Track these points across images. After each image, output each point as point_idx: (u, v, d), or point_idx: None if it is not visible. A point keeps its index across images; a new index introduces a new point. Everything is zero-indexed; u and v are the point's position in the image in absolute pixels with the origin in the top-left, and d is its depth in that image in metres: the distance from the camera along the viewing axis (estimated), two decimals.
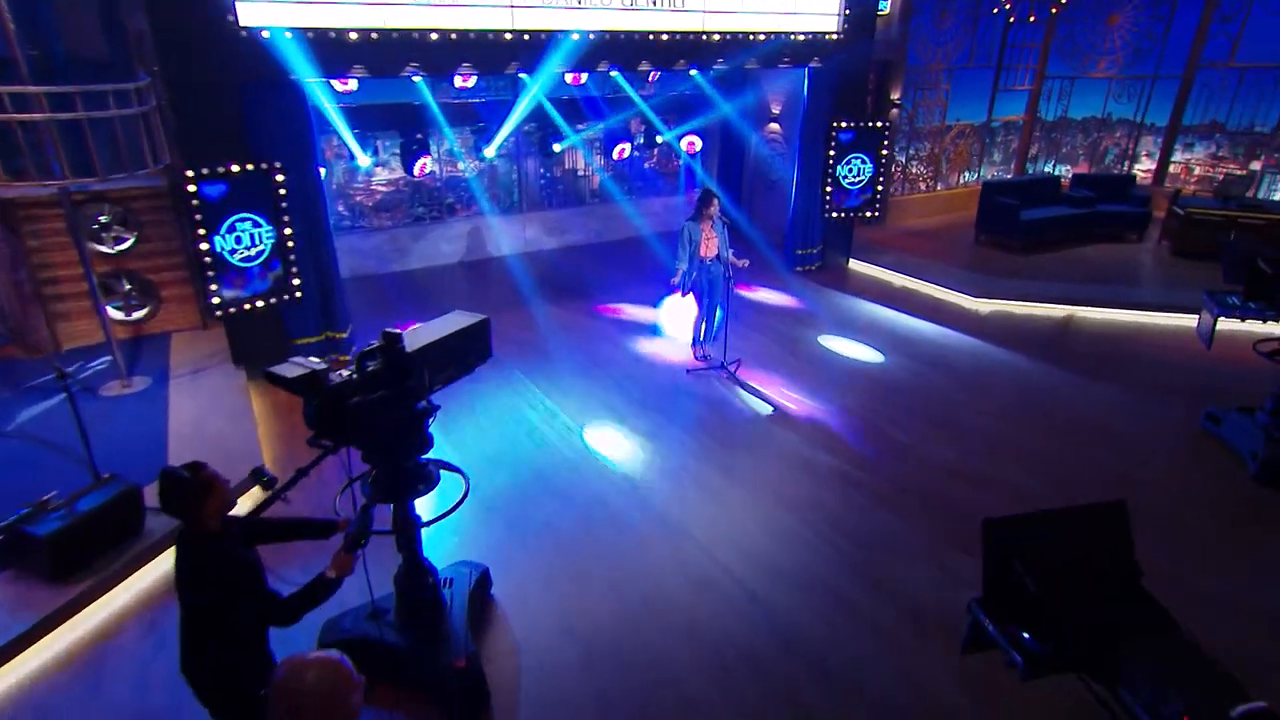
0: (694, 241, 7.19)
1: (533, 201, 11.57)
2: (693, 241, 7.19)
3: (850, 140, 10.12)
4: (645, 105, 10.92)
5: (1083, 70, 12.87)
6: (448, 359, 3.09)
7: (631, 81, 10.90)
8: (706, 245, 7.25)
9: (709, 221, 7.21)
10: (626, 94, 10.92)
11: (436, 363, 3.03)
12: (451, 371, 3.16)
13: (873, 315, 9.11)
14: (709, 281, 7.43)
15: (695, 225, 7.20)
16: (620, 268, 10.90)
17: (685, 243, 7.20)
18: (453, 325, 3.15)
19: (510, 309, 9.23)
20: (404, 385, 2.86)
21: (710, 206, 7.12)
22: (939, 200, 13.02)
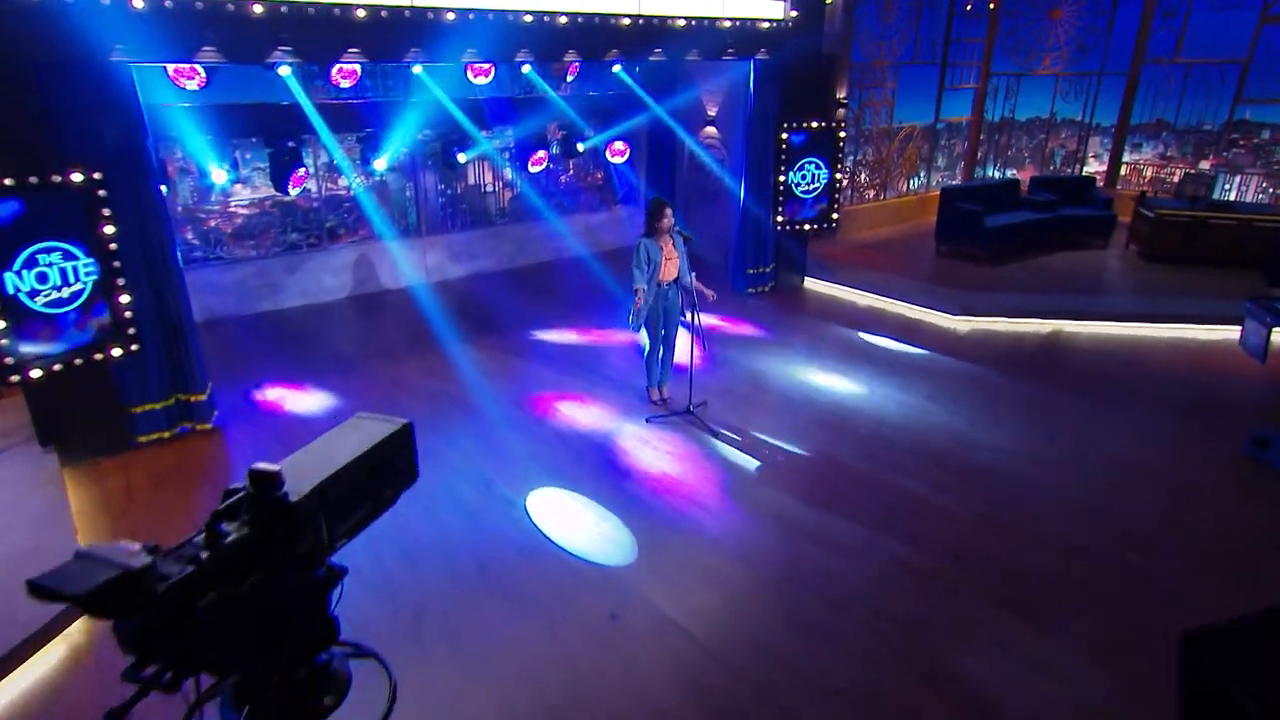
0: (654, 262, 6.42)
1: (433, 223, 10.57)
2: (652, 262, 6.41)
3: (802, 143, 9.69)
4: (566, 106, 10.15)
5: (1028, 67, 13.07)
6: (355, 496, 2.07)
7: (548, 79, 10.12)
8: (666, 267, 6.49)
9: (665, 237, 6.46)
10: (541, 94, 10.14)
11: (339, 506, 2.01)
12: (362, 513, 2.12)
13: (843, 340, 8.61)
14: (664, 310, 6.66)
15: (652, 242, 6.43)
16: (544, 296, 10.08)
17: (643, 263, 6.42)
18: (357, 442, 2.13)
19: (416, 353, 8.17)
20: (289, 555, 1.84)
21: (663, 218, 6.38)
22: (889, 209, 12.86)
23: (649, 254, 6.41)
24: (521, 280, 10.78)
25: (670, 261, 6.51)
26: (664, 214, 6.39)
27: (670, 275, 6.55)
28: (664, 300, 6.64)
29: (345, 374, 7.67)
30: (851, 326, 9.00)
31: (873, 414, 6.87)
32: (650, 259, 6.42)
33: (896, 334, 8.77)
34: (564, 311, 9.44)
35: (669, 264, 6.51)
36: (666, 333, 6.79)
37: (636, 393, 7.25)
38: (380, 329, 9.05)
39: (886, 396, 7.22)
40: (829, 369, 7.83)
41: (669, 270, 6.53)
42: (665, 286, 6.57)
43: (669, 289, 6.60)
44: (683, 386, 7.11)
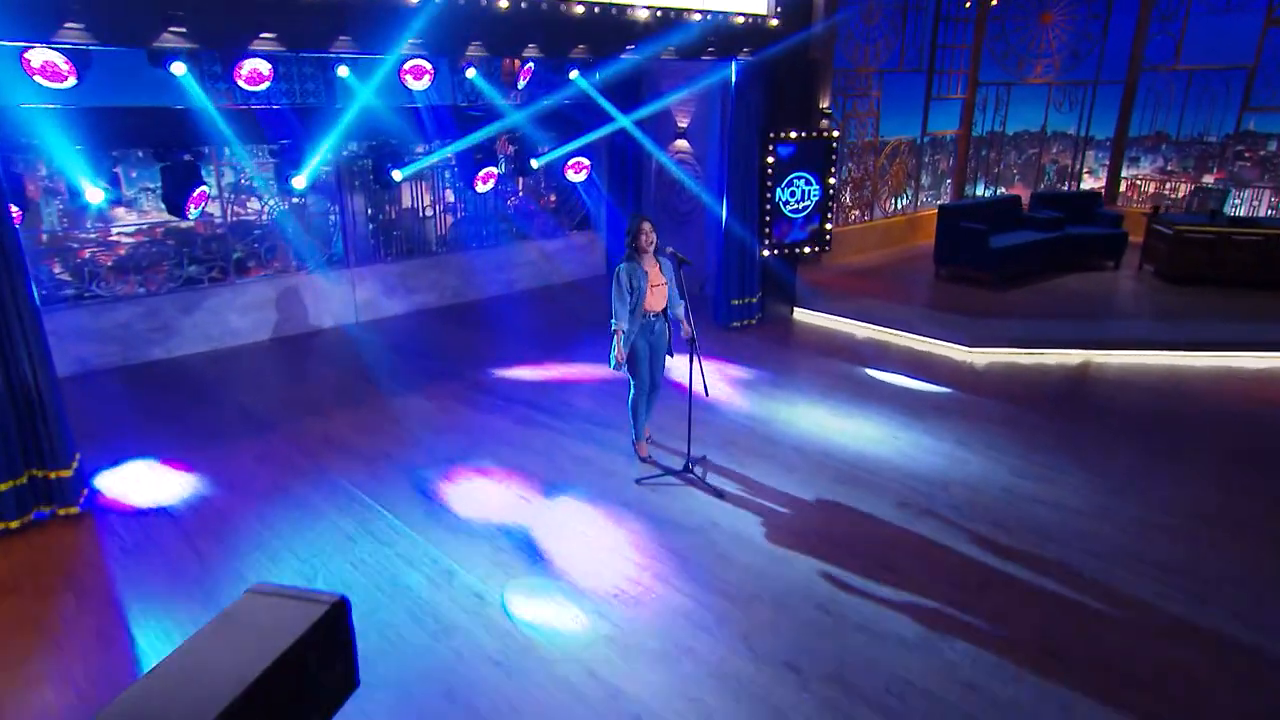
0: (637, 290, 5.68)
1: (363, 253, 9.68)
2: (636, 291, 5.68)
3: (791, 156, 9.19)
4: (518, 115, 9.43)
5: (1019, 76, 12.92)
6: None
7: (496, 85, 9.41)
8: (652, 295, 5.76)
9: (650, 258, 5.74)
10: (488, 103, 9.42)
11: None
12: None
13: (849, 378, 8.02)
14: (650, 346, 5.91)
15: (635, 266, 5.71)
16: (496, 334, 9.35)
17: (625, 293, 5.70)
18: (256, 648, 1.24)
19: (349, 405, 7.24)
20: None
21: (641, 235, 5.68)
22: (877, 232, 12.49)
23: (631, 280, 5.68)
24: (469, 317, 10.00)
25: (657, 289, 5.79)
26: (643, 230, 5.69)
27: (657, 305, 5.82)
28: (649, 334, 5.89)
29: (259, 433, 6.68)
30: (855, 362, 8.45)
31: (903, 465, 6.21)
32: (634, 287, 5.68)
33: (907, 369, 8.24)
34: (521, 349, 8.71)
35: (655, 291, 5.78)
36: (654, 375, 6.03)
37: (618, 446, 6.44)
38: (303, 377, 8.08)
39: (914, 444, 6.58)
40: (841, 413, 7.18)
41: (655, 299, 5.80)
42: (652, 318, 5.83)
43: (655, 320, 5.87)
44: (673, 437, 6.34)
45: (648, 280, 5.72)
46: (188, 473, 6.04)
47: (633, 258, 5.73)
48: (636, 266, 5.72)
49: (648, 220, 5.73)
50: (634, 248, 5.70)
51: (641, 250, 5.70)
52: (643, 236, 5.67)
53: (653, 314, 5.83)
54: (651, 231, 5.72)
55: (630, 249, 5.73)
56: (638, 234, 5.68)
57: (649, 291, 5.74)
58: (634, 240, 5.69)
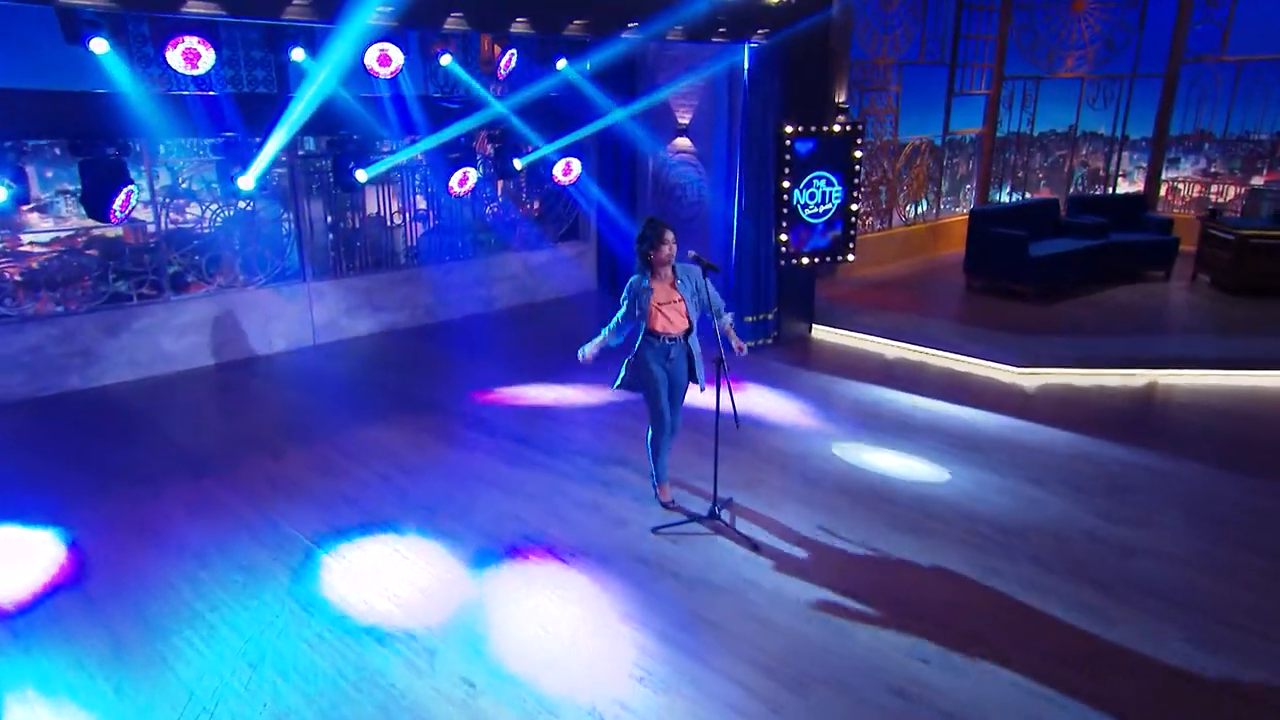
0: (641, 308, 5.08)
1: (322, 265, 8.99)
2: (639, 307, 5.07)
3: (810, 153, 8.67)
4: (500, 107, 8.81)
5: (1048, 69, 12.54)
6: None
7: (475, 74, 8.80)
8: (665, 315, 5.12)
9: (665, 272, 5.10)
10: (466, 94, 8.83)
11: None
12: None
13: (887, 405, 7.48)
14: (666, 375, 5.26)
15: (644, 279, 5.08)
16: (477, 354, 8.76)
17: (634, 305, 5.09)
18: None
19: (304, 441, 6.55)
20: None
21: (663, 246, 5.03)
22: (896, 240, 12.02)
23: (637, 296, 5.08)
24: (444, 338, 9.37)
25: (666, 308, 5.12)
26: (665, 241, 5.02)
27: (673, 327, 5.16)
28: (662, 360, 5.24)
29: (195, 477, 5.94)
30: (889, 385, 7.91)
31: (968, 507, 5.58)
32: (639, 303, 5.06)
33: (950, 394, 7.70)
34: (504, 373, 8.08)
35: (665, 311, 5.12)
36: (672, 406, 5.36)
37: (627, 487, 5.76)
38: (250, 410, 7.34)
39: (976, 481, 5.95)
40: (885, 445, 6.58)
41: (666, 320, 5.13)
42: (666, 342, 5.18)
43: (671, 345, 5.21)
44: (691, 474, 5.67)
45: (652, 298, 5.07)
46: (101, 530, 5.26)
47: (644, 271, 5.09)
48: (645, 283, 5.07)
49: (670, 229, 5.05)
50: (648, 259, 5.03)
51: (657, 264, 5.04)
52: (664, 248, 4.99)
53: (667, 338, 5.17)
54: (674, 243, 5.05)
55: (643, 260, 5.07)
56: (656, 243, 4.99)
57: (655, 312, 5.10)
58: (649, 251, 5.01)
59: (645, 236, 5.04)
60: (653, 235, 5.01)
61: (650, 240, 5.01)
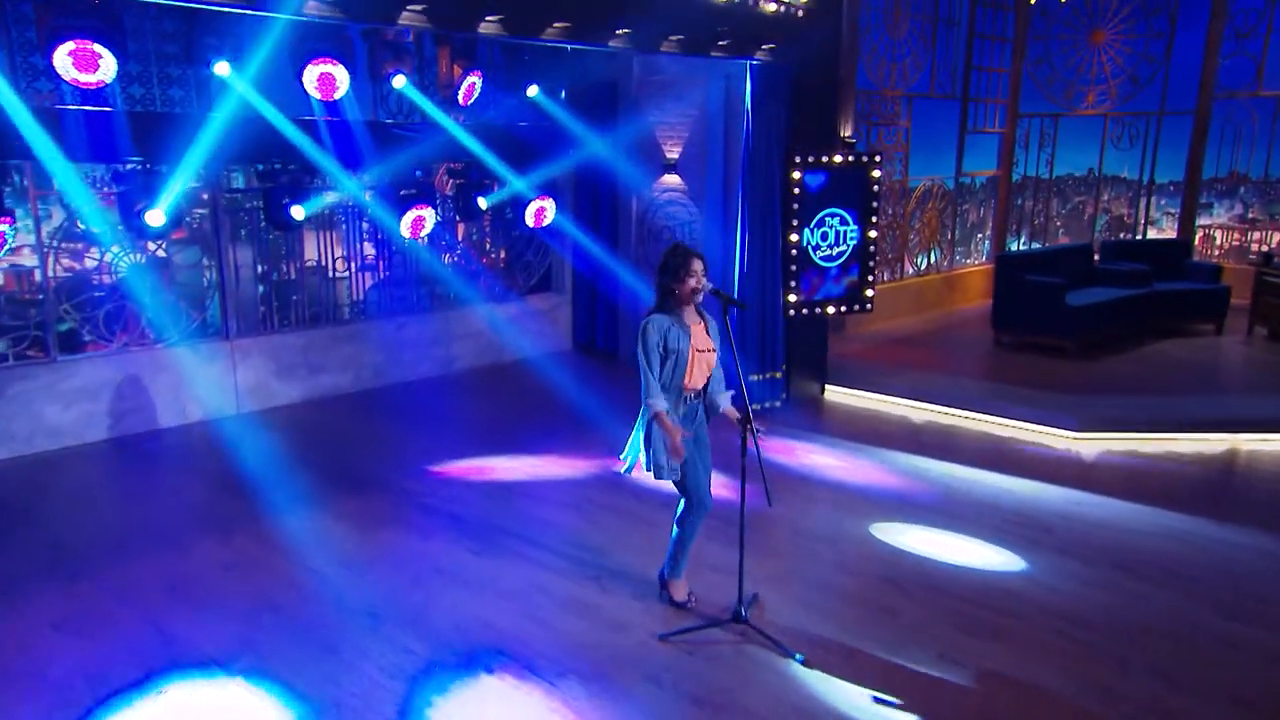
0: (676, 354, 4.37)
1: (250, 319, 8.16)
2: (672, 354, 4.37)
3: (822, 187, 8.14)
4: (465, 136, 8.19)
5: (1067, 105, 12.26)
6: None
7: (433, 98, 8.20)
8: (697, 365, 4.43)
9: (689, 312, 4.42)
10: (423, 120, 8.19)
11: None
12: None
13: (926, 478, 6.80)
14: (696, 444, 4.56)
15: (669, 320, 4.38)
16: (435, 424, 7.95)
17: (656, 356, 4.35)
18: None
19: (220, 531, 5.73)
20: None
21: (691, 278, 4.32)
22: (907, 293, 11.55)
23: (666, 339, 4.32)
24: (395, 403, 8.56)
25: (704, 355, 4.43)
26: (693, 272, 4.31)
27: (700, 380, 4.47)
28: (690, 424, 4.53)
29: (72, 580, 5.00)
30: (922, 453, 7.25)
31: (1055, 604, 4.81)
32: (670, 348, 4.31)
33: (993, 463, 7.03)
34: (466, 443, 7.32)
35: (700, 360, 4.42)
36: (694, 481, 4.55)
37: (623, 580, 4.92)
38: (153, 494, 6.42)
39: (1058, 570, 5.20)
40: (931, 524, 5.87)
41: (699, 371, 4.43)
42: (694, 400, 4.50)
43: (698, 405, 4.53)
44: (702, 566, 4.84)
45: (690, 341, 4.35)
46: None
47: (668, 308, 4.37)
48: (672, 322, 4.33)
49: (699, 257, 4.35)
50: (672, 294, 4.34)
51: (684, 299, 4.34)
52: (692, 279, 4.29)
53: (693, 394, 4.47)
54: (704, 274, 4.35)
55: (665, 296, 4.37)
56: (683, 274, 4.29)
57: (692, 359, 4.37)
58: (675, 283, 4.31)
59: (668, 266, 4.34)
60: (678, 263, 4.31)
61: (674, 270, 4.31)
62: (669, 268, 4.34)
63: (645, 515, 5.86)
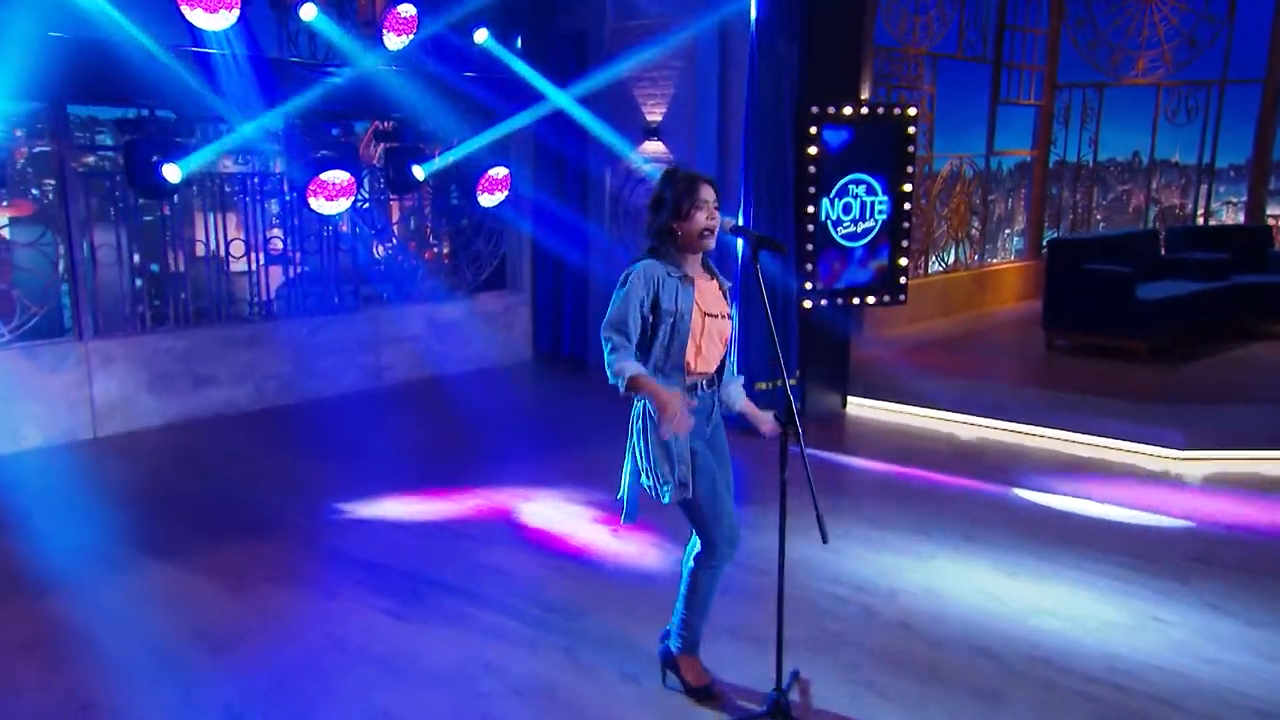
0: (677, 315, 3.28)
1: (114, 316, 7.04)
2: (670, 318, 3.28)
3: (845, 147, 7.24)
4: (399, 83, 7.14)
5: (1113, 73, 11.47)
6: None
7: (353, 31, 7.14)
8: (707, 337, 3.36)
9: (695, 263, 3.38)
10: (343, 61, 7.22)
11: None
12: None
13: (985, 505, 5.84)
14: (709, 449, 3.47)
15: (664, 268, 3.33)
16: (357, 450, 6.81)
17: (633, 319, 3.26)
18: None
19: (43, 593, 4.47)
20: None
21: (698, 212, 3.23)
22: (933, 290, 10.80)
23: (660, 295, 3.25)
24: (307, 424, 7.48)
25: (714, 322, 3.35)
26: (701, 201, 3.22)
27: (711, 362, 3.38)
28: (705, 425, 3.44)
29: None
30: (978, 476, 6.30)
31: (1228, 687, 3.71)
32: (663, 309, 3.25)
33: (1075, 488, 6.07)
34: (396, 473, 6.21)
35: (711, 330, 3.34)
36: (712, 510, 3.38)
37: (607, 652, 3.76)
38: None
39: (1215, 636, 4.16)
40: (1020, 571, 4.82)
41: (710, 347, 3.35)
42: (705, 389, 3.39)
43: (709, 395, 3.42)
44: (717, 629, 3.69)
45: (694, 304, 3.28)
46: None
47: (666, 255, 3.29)
48: (672, 273, 3.26)
49: (709, 183, 3.27)
50: (671, 237, 3.28)
51: (689, 243, 3.27)
52: (700, 214, 3.22)
53: (704, 381, 3.37)
54: (716, 207, 3.25)
55: (661, 240, 3.31)
56: (687, 207, 3.22)
57: (700, 327, 3.29)
58: (676, 220, 3.25)
59: (665, 198, 3.26)
60: (679, 192, 3.23)
61: (673, 203, 3.23)
62: (666, 200, 3.25)
63: (633, 560, 4.77)
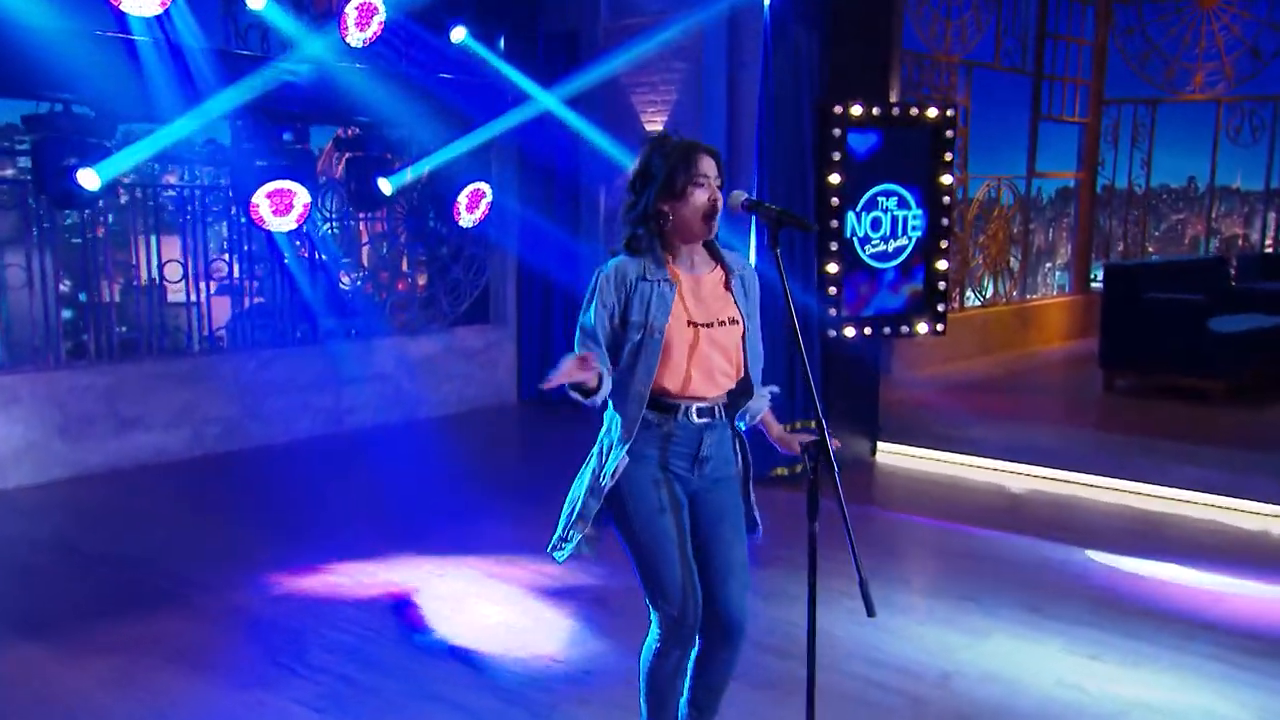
0: (645, 331, 2.71)
1: (25, 346, 6.67)
2: (639, 333, 2.72)
3: (873, 153, 6.71)
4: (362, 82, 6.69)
5: (1168, 88, 11.06)
6: None
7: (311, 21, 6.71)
8: (697, 353, 2.75)
9: (694, 253, 2.82)
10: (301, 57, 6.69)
11: None
12: None
13: (1058, 572, 5.22)
14: (688, 498, 2.85)
15: (639, 267, 2.75)
16: (306, 506, 6.19)
17: (598, 332, 2.74)
18: None
19: None
20: None
21: (694, 188, 2.64)
22: (971, 326, 10.35)
23: (627, 302, 2.71)
24: (254, 475, 6.86)
25: (713, 335, 2.74)
26: (698, 170, 2.64)
27: (712, 383, 2.77)
28: (684, 463, 2.81)
29: None
30: (1037, 535, 5.71)
31: None
32: (630, 320, 2.71)
33: (1158, 551, 5.45)
34: (349, 535, 5.53)
35: (707, 341, 2.74)
36: (719, 588, 2.81)
37: None
38: None
39: None
40: (1102, 653, 4.11)
41: (703, 364, 2.75)
42: (695, 419, 2.76)
43: (705, 428, 2.78)
44: None
45: (673, 304, 2.68)
46: None
47: (647, 249, 2.70)
48: (651, 273, 2.69)
49: (710, 154, 2.67)
50: (657, 222, 2.69)
51: (686, 230, 2.70)
52: (699, 191, 2.64)
53: (697, 408, 2.73)
54: (719, 180, 2.66)
55: (644, 225, 2.70)
56: (681, 181, 2.63)
57: (687, 343, 2.70)
58: (669, 199, 2.66)
59: (652, 168, 2.65)
60: (673, 162, 2.64)
61: (666, 176, 2.64)
62: (654, 174, 2.63)
63: None
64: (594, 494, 2.71)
